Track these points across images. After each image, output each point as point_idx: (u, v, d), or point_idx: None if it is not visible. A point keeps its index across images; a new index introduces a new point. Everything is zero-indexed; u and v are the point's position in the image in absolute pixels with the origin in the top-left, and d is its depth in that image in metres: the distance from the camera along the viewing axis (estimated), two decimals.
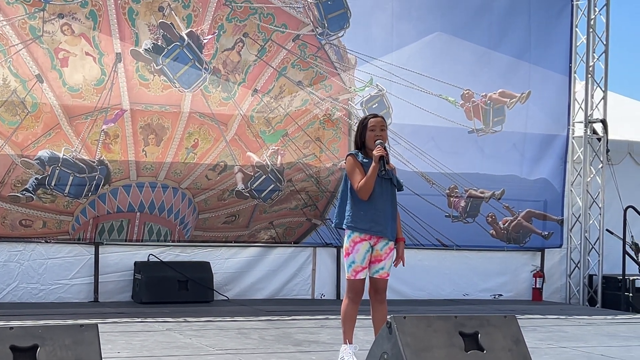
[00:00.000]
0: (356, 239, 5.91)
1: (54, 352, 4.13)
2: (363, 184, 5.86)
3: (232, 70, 10.05)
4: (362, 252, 5.91)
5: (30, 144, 9.24)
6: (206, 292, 9.75)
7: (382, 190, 5.93)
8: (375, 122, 5.95)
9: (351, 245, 5.92)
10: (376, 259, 5.95)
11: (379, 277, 5.96)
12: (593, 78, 11.70)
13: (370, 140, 5.92)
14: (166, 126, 9.78)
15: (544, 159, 11.53)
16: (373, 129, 5.93)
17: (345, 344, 5.93)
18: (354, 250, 5.91)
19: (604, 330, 8.70)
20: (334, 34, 10.54)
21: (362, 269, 5.92)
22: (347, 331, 5.96)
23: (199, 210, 10.03)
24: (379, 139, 5.88)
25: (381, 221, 5.90)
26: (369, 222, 5.89)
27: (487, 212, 11.28)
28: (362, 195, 5.88)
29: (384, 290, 6.00)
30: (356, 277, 5.92)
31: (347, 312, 5.96)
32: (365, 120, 6.02)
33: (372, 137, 5.90)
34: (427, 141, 10.89)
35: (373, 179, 5.85)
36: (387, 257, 5.97)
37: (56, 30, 9.26)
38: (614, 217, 11.49)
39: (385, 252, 5.96)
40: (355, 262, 5.91)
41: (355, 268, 5.91)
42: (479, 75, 11.18)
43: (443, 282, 11.11)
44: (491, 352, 4.91)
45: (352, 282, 5.94)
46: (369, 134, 5.93)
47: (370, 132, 5.93)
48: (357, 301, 5.96)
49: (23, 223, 9.31)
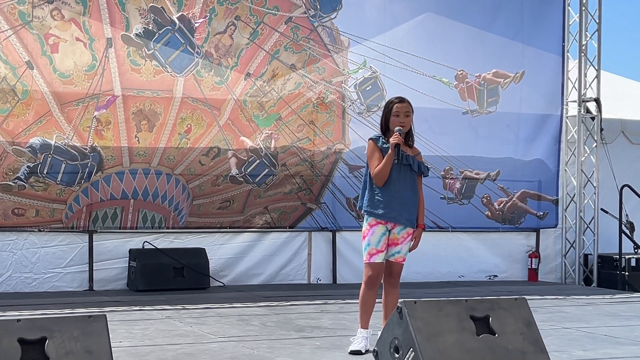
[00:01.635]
0: (372, 222, 5.88)
1: (63, 344, 4.04)
2: (378, 170, 5.83)
3: (225, 54, 9.93)
4: (378, 235, 5.85)
5: (21, 131, 9.11)
6: (202, 278, 9.66)
7: (400, 177, 5.87)
8: (400, 108, 5.88)
9: (367, 228, 5.89)
10: (393, 242, 5.90)
11: (394, 261, 5.91)
12: (586, 57, 11.65)
13: (393, 125, 5.86)
14: (158, 112, 9.66)
15: (538, 139, 11.49)
16: (397, 114, 5.87)
17: (360, 329, 5.93)
18: (370, 233, 5.87)
19: (604, 310, 8.68)
20: (326, 16, 10.43)
21: (377, 252, 5.85)
22: (362, 316, 5.92)
23: (193, 196, 9.93)
24: (402, 125, 5.83)
25: (396, 207, 5.84)
26: (384, 207, 5.84)
27: (482, 194, 11.24)
28: (377, 181, 5.87)
29: (397, 275, 5.95)
30: (370, 260, 5.85)
31: (363, 298, 5.91)
32: (390, 104, 5.94)
33: (396, 123, 5.85)
34: (421, 123, 10.69)
35: (388, 166, 5.81)
36: (404, 242, 5.91)
37: (46, 15, 9.11)
38: (609, 196, 11.47)
39: (402, 236, 5.90)
40: (370, 245, 5.86)
41: (370, 251, 5.86)
42: (473, 55, 11.11)
43: (439, 264, 11.06)
44: (503, 336, 4.87)
45: (367, 265, 5.88)
46: (393, 119, 5.87)
47: (394, 118, 5.87)
48: (373, 286, 5.88)
49: (15, 212, 9.19)
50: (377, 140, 5.93)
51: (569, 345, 6.47)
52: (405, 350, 4.75)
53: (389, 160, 5.79)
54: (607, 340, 6.73)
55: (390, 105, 5.93)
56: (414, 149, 6.01)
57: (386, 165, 5.81)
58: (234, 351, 6.00)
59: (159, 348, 6.08)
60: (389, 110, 5.92)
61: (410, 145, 5.98)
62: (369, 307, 5.92)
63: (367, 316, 5.92)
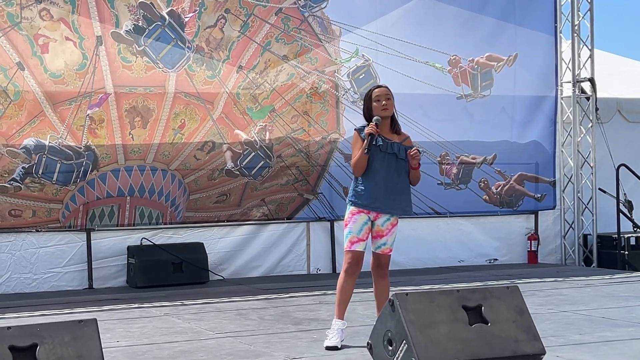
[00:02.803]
0: (354, 211, 5.87)
1: (54, 349, 4.06)
2: (354, 161, 5.84)
3: (216, 48, 9.91)
4: (360, 223, 5.84)
5: (15, 133, 9.10)
6: (201, 273, 9.68)
7: (384, 166, 5.83)
8: (379, 92, 5.87)
9: (349, 216, 5.89)
10: (378, 234, 5.89)
11: (381, 253, 5.92)
12: (579, 37, 11.62)
13: (376, 111, 5.84)
14: (152, 108, 9.66)
15: (534, 121, 11.48)
16: (378, 99, 5.85)
17: (335, 320, 5.88)
18: (352, 221, 5.86)
19: (602, 291, 8.68)
20: (316, 6, 10.40)
21: (358, 240, 5.84)
22: (339, 306, 5.88)
23: (190, 191, 9.93)
24: (385, 107, 5.80)
25: (380, 197, 5.83)
26: (368, 198, 5.83)
27: (479, 178, 11.23)
28: (355, 172, 5.88)
29: (386, 266, 5.95)
30: (351, 247, 5.84)
31: (341, 285, 5.88)
32: (369, 92, 5.94)
33: (378, 108, 5.83)
34: (416, 109, 10.79)
35: (362, 156, 5.79)
36: (389, 233, 5.91)
37: (35, 16, 9.09)
38: (606, 175, 11.45)
39: (386, 227, 5.89)
40: (351, 233, 5.85)
41: (351, 239, 5.84)
42: (465, 40, 11.07)
43: (438, 250, 11.08)
44: (496, 325, 4.87)
45: (347, 253, 5.86)
46: (375, 106, 5.85)
47: (376, 104, 5.85)
48: (352, 274, 5.87)
49: (12, 213, 9.20)
50: (360, 131, 5.91)
51: (566, 329, 6.47)
52: (399, 342, 4.76)
53: (362, 150, 5.77)
54: (605, 323, 6.74)
55: (369, 93, 5.93)
56: (401, 134, 5.95)
57: (360, 155, 5.79)
58: (231, 347, 6.01)
59: (157, 347, 6.10)
60: (369, 98, 5.91)
61: (397, 132, 5.93)
62: (347, 296, 5.89)
63: (344, 305, 5.89)
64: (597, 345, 5.89)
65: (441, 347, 4.71)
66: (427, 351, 4.65)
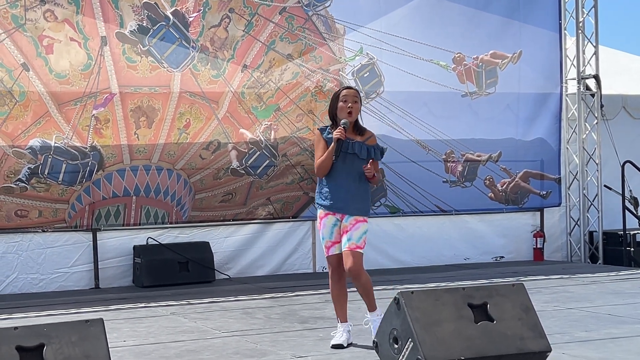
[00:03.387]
0: (322, 215, 5.85)
1: (61, 349, 4.08)
2: (318, 163, 5.79)
3: (220, 47, 9.92)
4: (329, 227, 5.82)
5: (20, 133, 9.13)
6: (207, 272, 9.71)
7: (345, 167, 5.77)
8: (347, 93, 5.81)
9: (319, 222, 5.89)
10: (343, 231, 5.79)
11: (348, 249, 5.76)
12: (584, 33, 11.60)
13: (341, 112, 5.78)
14: (157, 107, 9.67)
15: (539, 118, 11.47)
16: (345, 99, 5.78)
17: (340, 324, 5.91)
18: (322, 226, 5.85)
19: (608, 288, 8.68)
20: (320, 4, 10.40)
21: (333, 244, 5.82)
22: (337, 310, 5.92)
23: (195, 191, 9.95)
24: (350, 110, 5.74)
25: (343, 198, 5.76)
26: (331, 199, 5.78)
27: (484, 175, 11.22)
28: (318, 173, 5.84)
29: (356, 265, 5.75)
30: (328, 253, 5.85)
31: (332, 291, 5.94)
32: (338, 91, 5.88)
33: (343, 109, 5.77)
34: (421, 107, 10.81)
35: (329, 159, 5.73)
36: (352, 228, 5.76)
37: (39, 17, 9.11)
38: (612, 172, 11.45)
39: (350, 223, 5.77)
40: (324, 238, 5.86)
41: (326, 244, 5.85)
42: (469, 37, 11.07)
43: (443, 248, 11.08)
44: (501, 322, 4.88)
45: (327, 259, 5.89)
46: (340, 106, 5.79)
47: (341, 104, 5.79)
48: (339, 279, 5.86)
49: (19, 213, 9.23)
50: (322, 131, 5.86)
51: (572, 326, 6.48)
52: (404, 340, 4.78)
53: (330, 153, 5.71)
54: (610, 320, 6.74)
55: (337, 92, 5.87)
56: (365, 133, 5.88)
57: (327, 158, 5.74)
58: (237, 346, 6.03)
59: (163, 346, 6.12)
60: (336, 97, 5.84)
61: (360, 132, 5.86)
62: (342, 300, 5.89)
63: (343, 309, 5.89)
64: (603, 342, 5.89)
65: (447, 345, 4.72)
66: (432, 349, 4.67)
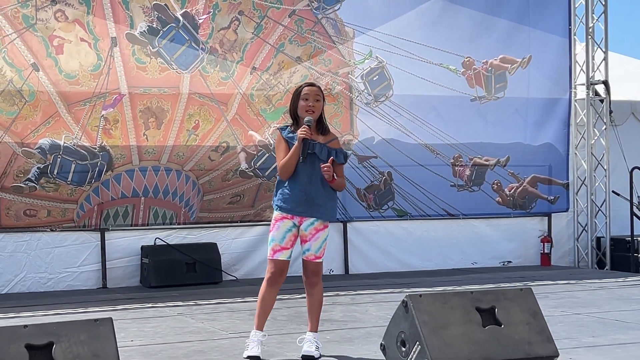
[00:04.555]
0: (278, 217, 5.55)
1: (70, 348, 4.09)
2: (282, 164, 5.48)
3: (230, 49, 9.95)
4: (282, 231, 5.51)
5: (30, 133, 9.16)
6: (214, 273, 9.72)
7: (306, 168, 5.45)
8: (309, 91, 5.46)
9: (273, 223, 5.57)
10: (302, 239, 5.55)
11: (306, 259, 5.58)
12: (593, 39, 11.60)
13: (301, 110, 5.45)
14: (166, 109, 9.70)
15: (547, 123, 11.46)
16: (306, 97, 5.44)
17: (255, 330, 5.59)
18: (275, 228, 5.54)
19: (616, 293, 8.67)
20: (330, 8, 10.42)
21: (282, 249, 5.50)
22: (259, 316, 5.57)
23: (204, 192, 9.97)
24: (311, 110, 5.43)
25: (303, 200, 5.47)
26: (291, 202, 5.49)
27: (492, 180, 11.23)
28: (281, 175, 5.53)
29: (314, 274, 5.57)
30: (273, 256, 5.52)
31: (263, 295, 5.57)
32: (299, 88, 5.53)
33: (304, 107, 5.43)
34: (430, 111, 10.82)
35: (293, 159, 5.43)
36: (312, 238, 5.52)
37: (49, 17, 9.15)
38: (620, 178, 11.44)
39: (310, 232, 5.51)
40: (274, 241, 5.52)
41: (274, 247, 5.52)
42: (479, 41, 11.08)
43: (451, 252, 11.08)
44: (509, 327, 4.88)
45: (270, 262, 5.54)
46: (301, 104, 5.45)
47: (302, 102, 5.45)
48: (274, 284, 5.54)
49: (27, 213, 9.26)
50: (283, 130, 5.55)
51: (579, 331, 6.47)
52: (412, 343, 4.78)
53: (295, 154, 5.41)
54: (618, 326, 6.73)
55: (299, 89, 5.53)
56: (328, 135, 5.55)
57: (291, 158, 5.43)
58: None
59: (170, 346, 6.13)
60: (297, 94, 5.50)
61: (322, 132, 5.53)
62: (268, 307, 5.59)
63: (265, 316, 5.60)
64: (610, 348, 5.88)
65: (454, 349, 4.72)
66: (440, 352, 4.67)
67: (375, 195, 10.68)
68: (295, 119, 5.54)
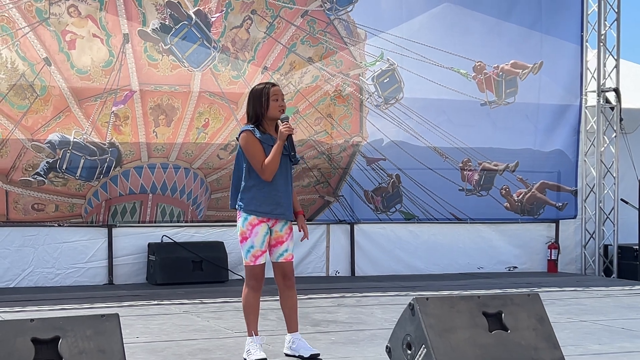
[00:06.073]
0: (254, 222, 5.46)
1: (76, 343, 4.09)
2: (268, 163, 5.39)
3: (241, 48, 9.95)
4: (262, 235, 5.47)
5: (40, 127, 9.18)
6: (221, 272, 9.72)
7: (282, 169, 5.47)
8: (277, 91, 5.48)
9: (249, 228, 5.46)
10: (277, 241, 5.55)
11: (285, 261, 5.58)
12: (605, 46, 11.56)
13: (274, 111, 5.43)
14: (176, 106, 9.71)
15: (558, 129, 11.44)
16: (276, 98, 5.45)
17: (251, 336, 5.55)
18: (253, 234, 5.46)
19: (622, 301, 8.64)
20: (342, 9, 10.42)
21: (262, 253, 5.49)
22: (251, 323, 5.56)
23: (212, 190, 9.98)
24: (282, 109, 5.46)
25: (283, 202, 5.48)
26: (271, 204, 5.46)
27: (501, 185, 11.21)
28: (266, 176, 5.42)
29: (292, 274, 5.63)
30: (256, 262, 5.48)
31: (249, 301, 5.55)
32: (264, 89, 5.47)
33: (276, 107, 5.43)
34: (439, 115, 10.81)
35: (278, 158, 5.40)
36: (288, 239, 5.56)
37: (63, 12, 9.17)
38: (629, 186, 11.40)
39: (285, 232, 5.54)
40: (254, 247, 5.46)
41: (255, 253, 5.47)
42: (490, 46, 11.06)
43: (457, 256, 11.06)
44: (515, 332, 4.87)
45: (252, 268, 5.50)
46: (273, 104, 5.43)
47: (274, 102, 5.43)
48: (259, 289, 5.56)
49: (35, 207, 9.27)
50: (254, 132, 5.45)
51: (585, 338, 6.45)
52: (418, 346, 4.77)
53: (278, 152, 5.39)
54: (624, 334, 6.71)
55: (265, 89, 5.48)
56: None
57: (276, 157, 5.38)
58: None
59: (175, 344, 6.14)
60: (265, 95, 5.45)
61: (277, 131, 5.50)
62: (257, 311, 5.60)
63: (257, 321, 5.60)
64: (616, 355, 5.87)
65: (460, 353, 4.71)
66: (446, 356, 4.65)
67: (383, 198, 10.67)
68: (258, 119, 5.49)
